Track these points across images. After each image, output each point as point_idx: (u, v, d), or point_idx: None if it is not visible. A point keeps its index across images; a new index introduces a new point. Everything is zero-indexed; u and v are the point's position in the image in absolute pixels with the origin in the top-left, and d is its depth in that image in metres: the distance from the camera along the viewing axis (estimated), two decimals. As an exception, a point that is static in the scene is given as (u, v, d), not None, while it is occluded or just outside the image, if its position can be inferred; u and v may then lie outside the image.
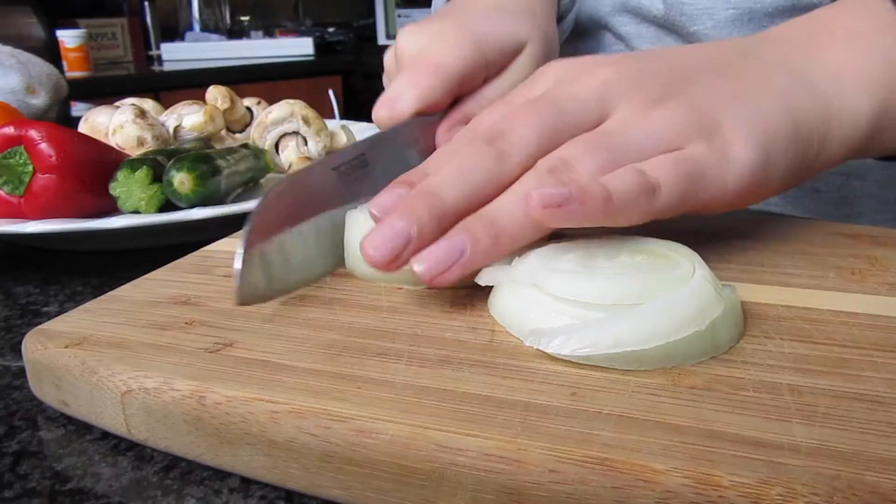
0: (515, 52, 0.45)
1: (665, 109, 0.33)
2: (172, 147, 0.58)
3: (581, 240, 0.32)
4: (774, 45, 0.38)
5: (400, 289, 0.34)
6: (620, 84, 0.34)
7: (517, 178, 0.32)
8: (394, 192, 0.32)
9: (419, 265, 0.30)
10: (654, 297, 0.27)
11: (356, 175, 0.37)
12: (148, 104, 0.69)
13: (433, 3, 0.72)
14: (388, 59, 0.48)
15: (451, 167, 0.32)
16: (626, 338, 0.26)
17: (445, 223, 0.31)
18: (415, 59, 0.42)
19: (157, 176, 0.50)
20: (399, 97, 0.40)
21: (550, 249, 0.31)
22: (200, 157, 0.51)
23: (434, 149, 0.41)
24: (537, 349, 0.27)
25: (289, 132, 0.65)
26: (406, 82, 0.41)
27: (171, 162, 0.50)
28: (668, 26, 0.61)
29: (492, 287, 0.32)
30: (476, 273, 0.31)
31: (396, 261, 0.30)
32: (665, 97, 0.34)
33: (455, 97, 0.43)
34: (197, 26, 2.95)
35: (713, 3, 0.57)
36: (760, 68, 0.36)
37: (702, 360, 0.26)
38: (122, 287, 0.36)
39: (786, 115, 0.34)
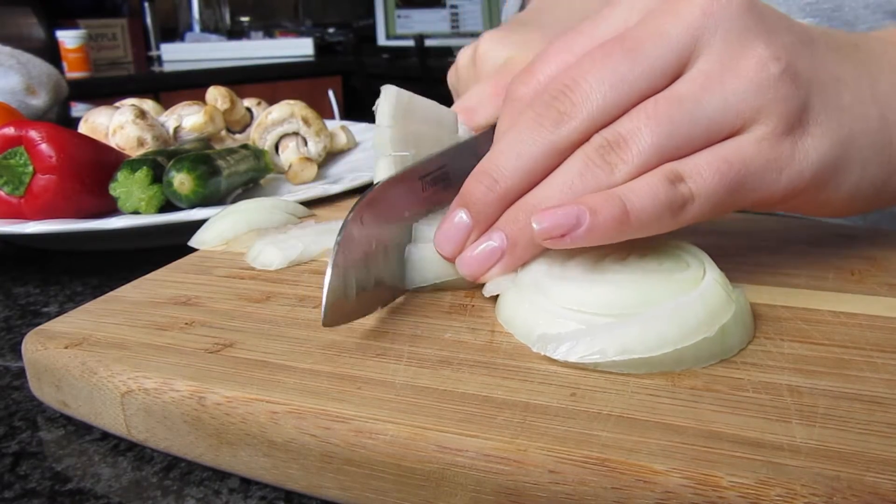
0: None
1: (758, 62, 0.29)
2: (172, 147, 0.58)
3: None
4: (884, 45, 0.34)
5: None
6: (721, 15, 0.29)
7: (577, 145, 0.29)
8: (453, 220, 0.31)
9: (462, 268, 0.31)
10: (664, 301, 0.27)
11: (437, 187, 0.35)
12: (148, 105, 0.69)
13: (505, 9, 0.69)
14: (463, 60, 0.45)
15: (506, 140, 0.30)
16: (634, 345, 0.25)
17: (504, 205, 0.30)
18: (500, 69, 0.39)
19: (157, 176, 0.50)
20: (479, 108, 0.38)
21: (557, 252, 0.31)
22: (200, 157, 0.51)
23: None
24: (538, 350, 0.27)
25: (289, 133, 0.65)
26: (489, 93, 0.38)
27: (171, 162, 0.50)
28: None
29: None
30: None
31: (460, 251, 0.31)
32: (766, 42, 0.29)
33: None
34: (197, 27, 2.96)
35: (787, 11, 0.55)
36: (868, 64, 0.32)
37: (711, 363, 0.26)
38: (122, 287, 0.36)
39: (880, 121, 0.31)
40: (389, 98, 0.35)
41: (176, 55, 2.68)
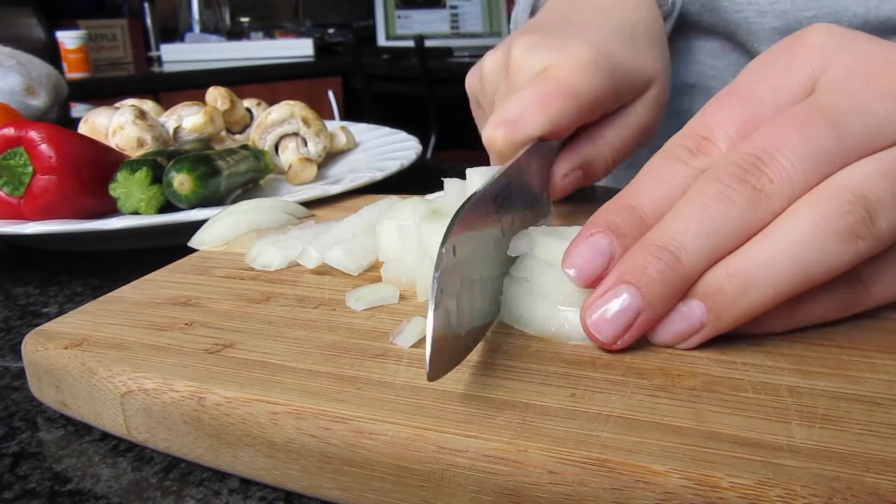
0: (642, 90, 0.39)
1: None
2: (172, 148, 0.58)
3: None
4: None
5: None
6: None
7: (767, 224, 0.25)
8: (592, 246, 0.27)
9: (594, 329, 0.26)
10: None
11: (504, 206, 0.31)
12: (148, 105, 0.69)
13: (515, 10, 0.63)
14: (490, 67, 0.41)
15: (688, 213, 0.26)
16: None
17: (685, 287, 0.26)
18: (540, 77, 0.36)
19: (157, 177, 0.50)
20: (523, 119, 0.35)
21: (549, 240, 0.31)
22: (200, 158, 0.51)
23: (547, 182, 0.36)
24: (540, 350, 0.27)
25: (288, 133, 0.65)
26: (533, 102, 0.35)
27: (170, 163, 0.50)
28: None
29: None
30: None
31: (624, 337, 0.26)
32: None
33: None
34: (197, 27, 2.96)
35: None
36: None
37: None
38: (122, 288, 0.36)
39: None
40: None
41: (176, 56, 2.68)
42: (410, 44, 2.46)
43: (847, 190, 0.25)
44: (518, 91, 0.36)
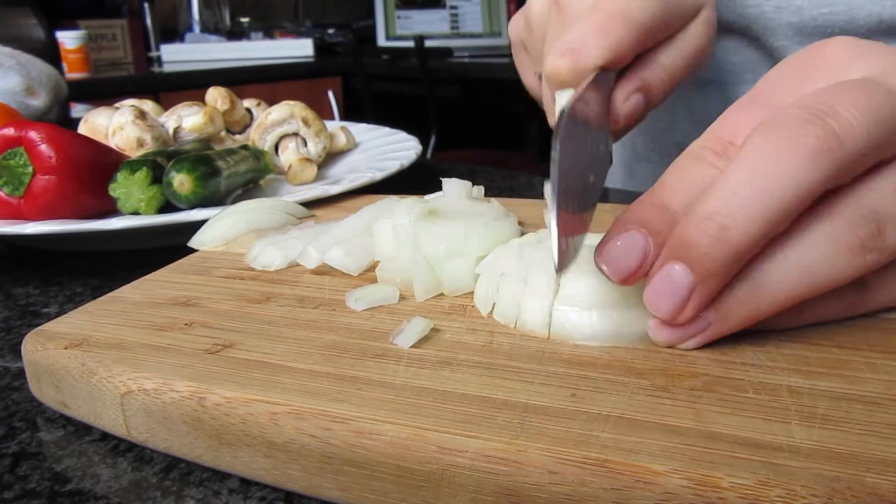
0: (693, 14, 0.39)
1: None
2: (172, 148, 0.58)
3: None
4: None
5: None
6: None
7: (824, 188, 0.25)
8: (627, 241, 0.27)
9: (663, 333, 0.27)
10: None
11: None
12: (147, 105, 0.69)
13: None
14: (538, 7, 0.41)
15: (736, 177, 0.24)
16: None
17: (739, 262, 0.25)
18: (595, 7, 0.36)
19: (157, 177, 0.50)
20: (586, 46, 0.34)
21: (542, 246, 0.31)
22: (200, 158, 0.51)
23: (605, 117, 0.36)
24: (540, 350, 0.27)
25: (288, 133, 0.65)
26: (593, 29, 0.34)
27: (170, 163, 0.50)
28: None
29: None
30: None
31: (680, 318, 0.26)
32: None
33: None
34: (197, 27, 2.96)
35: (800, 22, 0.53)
36: None
37: None
38: (122, 288, 0.36)
39: None
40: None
41: (176, 56, 2.68)
42: (410, 44, 2.46)
43: (860, 204, 0.25)
44: (574, 23, 0.36)
